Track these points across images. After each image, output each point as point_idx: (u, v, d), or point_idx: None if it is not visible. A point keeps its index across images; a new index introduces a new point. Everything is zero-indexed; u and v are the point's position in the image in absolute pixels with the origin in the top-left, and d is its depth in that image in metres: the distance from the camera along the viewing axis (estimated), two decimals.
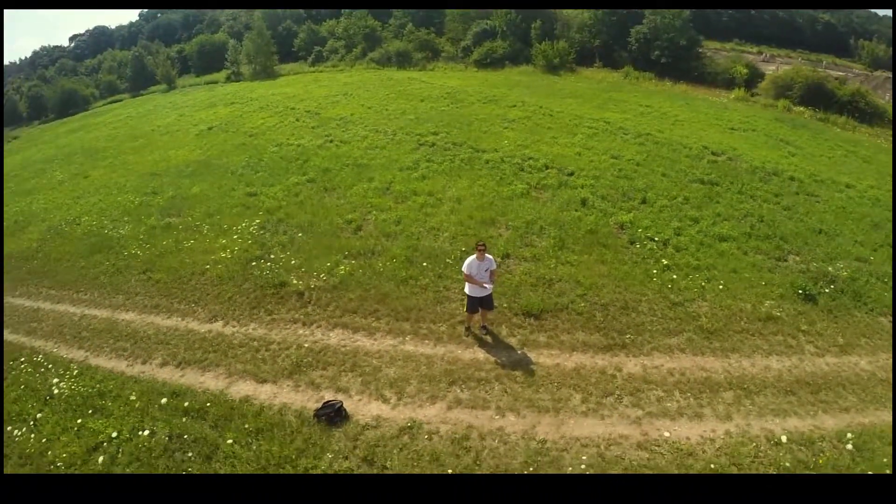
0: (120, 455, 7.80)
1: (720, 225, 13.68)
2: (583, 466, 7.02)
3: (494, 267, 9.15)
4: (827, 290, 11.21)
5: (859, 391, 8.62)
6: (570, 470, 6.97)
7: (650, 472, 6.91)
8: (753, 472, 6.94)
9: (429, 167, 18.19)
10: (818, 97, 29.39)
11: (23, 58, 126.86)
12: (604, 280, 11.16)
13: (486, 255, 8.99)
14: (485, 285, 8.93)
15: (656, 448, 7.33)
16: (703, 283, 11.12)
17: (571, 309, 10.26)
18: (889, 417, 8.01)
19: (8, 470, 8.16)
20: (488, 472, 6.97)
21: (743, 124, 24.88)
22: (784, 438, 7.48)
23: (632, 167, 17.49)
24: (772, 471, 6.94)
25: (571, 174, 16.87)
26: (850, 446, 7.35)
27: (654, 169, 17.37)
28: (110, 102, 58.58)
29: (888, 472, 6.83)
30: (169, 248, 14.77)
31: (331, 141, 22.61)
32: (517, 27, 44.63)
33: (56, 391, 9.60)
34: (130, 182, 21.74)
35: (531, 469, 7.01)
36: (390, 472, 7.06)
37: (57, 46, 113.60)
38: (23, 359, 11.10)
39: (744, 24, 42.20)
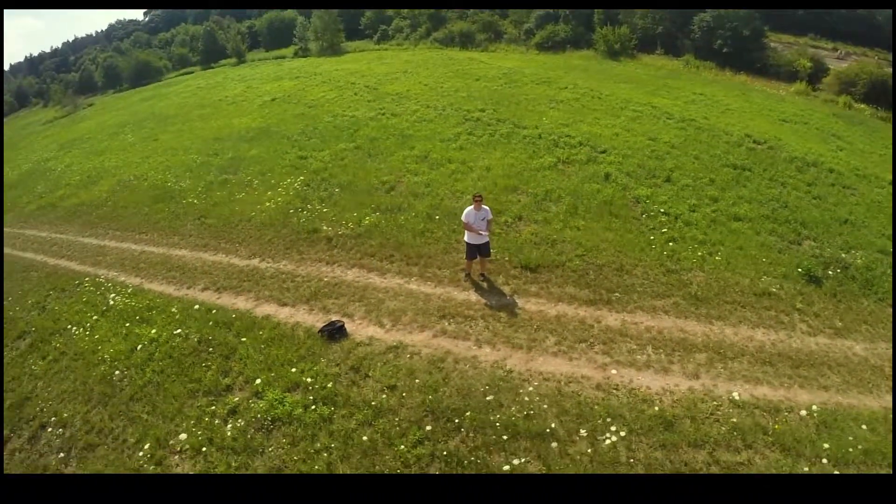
0: (157, 353, 9.37)
1: (739, 206, 13.63)
2: (530, 389, 7.78)
3: (490, 217, 10.04)
4: (832, 274, 10.92)
5: (845, 373, 8.35)
6: (522, 394, 7.72)
7: (606, 412, 7.39)
8: (707, 427, 7.01)
9: (468, 139, 19.04)
10: (883, 95, 27.83)
11: (99, 30, 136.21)
12: (605, 244, 11.65)
13: (483, 206, 9.87)
14: (481, 233, 9.83)
15: (614, 391, 7.72)
16: (703, 255, 11.28)
17: (567, 266, 10.90)
18: (873, 403, 7.77)
19: (64, 363, 9.89)
20: (455, 399, 7.87)
21: (796, 117, 24.13)
22: (736, 395, 7.55)
23: (666, 149, 17.58)
24: (724, 429, 6.98)
25: (603, 152, 17.20)
26: (816, 420, 7.24)
27: (688, 152, 17.38)
28: (182, 74, 61.93)
29: (852, 450, 6.78)
30: (222, 199, 16.54)
31: (383, 113, 23.74)
32: (580, 11, 44.23)
33: (112, 303, 11.42)
34: (195, 145, 23.83)
35: (488, 388, 7.84)
36: (372, 380, 8.15)
37: (132, 20, 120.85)
38: (87, 279, 13.09)
39: (820, 18, 39.87)
